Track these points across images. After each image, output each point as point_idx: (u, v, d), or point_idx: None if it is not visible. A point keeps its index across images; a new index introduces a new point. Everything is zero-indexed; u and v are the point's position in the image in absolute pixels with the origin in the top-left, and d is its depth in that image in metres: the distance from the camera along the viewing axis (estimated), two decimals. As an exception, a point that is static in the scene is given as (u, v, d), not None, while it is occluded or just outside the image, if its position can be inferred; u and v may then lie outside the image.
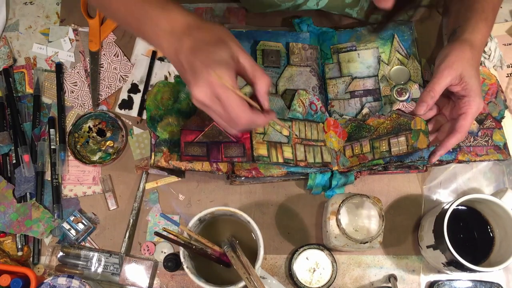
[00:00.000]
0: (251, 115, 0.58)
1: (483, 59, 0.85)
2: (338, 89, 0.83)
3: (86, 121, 0.84)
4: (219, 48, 0.57)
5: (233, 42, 0.59)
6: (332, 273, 0.75)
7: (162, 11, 0.60)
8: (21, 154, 0.82)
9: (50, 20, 0.91)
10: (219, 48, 0.57)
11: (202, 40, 0.58)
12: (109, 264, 0.78)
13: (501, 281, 0.77)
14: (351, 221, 0.73)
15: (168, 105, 0.76)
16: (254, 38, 0.83)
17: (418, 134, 0.73)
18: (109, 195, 0.81)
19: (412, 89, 0.81)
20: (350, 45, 0.84)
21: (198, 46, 0.57)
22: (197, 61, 0.56)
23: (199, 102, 0.58)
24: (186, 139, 0.74)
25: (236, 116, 0.57)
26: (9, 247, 0.79)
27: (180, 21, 0.59)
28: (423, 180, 0.82)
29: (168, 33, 0.59)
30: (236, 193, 0.81)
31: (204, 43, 0.57)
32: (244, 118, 0.57)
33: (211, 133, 0.74)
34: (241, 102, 0.57)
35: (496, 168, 0.83)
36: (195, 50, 0.57)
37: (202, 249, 0.68)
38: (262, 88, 0.60)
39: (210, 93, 0.56)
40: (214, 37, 0.58)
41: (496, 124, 0.79)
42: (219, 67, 0.55)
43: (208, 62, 0.56)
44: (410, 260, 0.79)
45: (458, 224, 0.74)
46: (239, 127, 0.59)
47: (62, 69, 0.88)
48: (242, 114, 0.57)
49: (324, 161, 0.76)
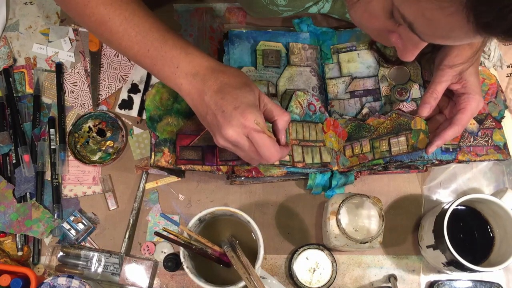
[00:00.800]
0: (281, 153, 0.63)
1: (483, 59, 0.85)
2: (338, 89, 0.83)
3: (86, 121, 0.85)
4: (247, 92, 0.61)
5: (255, 86, 0.64)
6: (332, 273, 0.75)
7: (184, 54, 0.63)
8: (21, 154, 0.82)
9: (50, 20, 0.91)
10: (246, 91, 0.61)
11: (229, 84, 0.61)
12: (109, 264, 0.78)
13: (501, 281, 0.77)
14: (351, 221, 0.73)
15: (167, 105, 0.77)
16: (254, 38, 0.83)
17: (418, 134, 0.73)
18: (109, 195, 0.81)
19: (412, 89, 0.81)
20: (350, 45, 0.84)
21: (225, 89, 0.61)
22: (225, 103, 0.60)
23: (230, 142, 0.61)
24: (182, 143, 0.74)
25: (269, 154, 0.62)
26: (9, 247, 0.79)
27: (204, 65, 0.63)
28: (423, 180, 0.82)
29: (191, 75, 0.63)
30: (236, 193, 0.81)
31: (231, 87, 0.61)
32: (276, 154, 0.62)
33: (206, 137, 0.74)
34: (272, 142, 0.62)
35: (496, 168, 0.83)
36: (223, 93, 0.61)
37: (202, 249, 0.68)
38: (282, 124, 0.65)
39: (242, 133, 0.60)
40: (239, 81, 0.62)
41: (496, 124, 0.79)
42: (251, 110, 0.60)
43: (238, 104, 0.60)
44: (410, 260, 0.79)
45: (458, 224, 0.74)
46: (269, 162, 0.64)
47: (62, 69, 0.88)
48: (275, 152, 0.62)
49: (323, 162, 0.76)
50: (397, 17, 0.48)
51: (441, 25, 0.44)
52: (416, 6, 0.44)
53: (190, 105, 0.65)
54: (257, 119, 0.60)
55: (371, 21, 0.53)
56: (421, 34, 0.48)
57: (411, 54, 0.55)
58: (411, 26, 0.47)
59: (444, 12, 0.42)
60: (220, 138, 0.62)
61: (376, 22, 0.52)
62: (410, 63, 0.82)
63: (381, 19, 0.50)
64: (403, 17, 0.47)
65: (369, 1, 0.50)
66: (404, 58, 0.56)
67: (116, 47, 0.67)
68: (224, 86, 0.61)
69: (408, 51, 0.54)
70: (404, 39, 0.53)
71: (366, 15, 0.52)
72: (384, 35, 0.55)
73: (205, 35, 0.89)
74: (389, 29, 0.52)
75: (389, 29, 0.52)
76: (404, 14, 0.46)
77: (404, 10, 0.46)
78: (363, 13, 0.53)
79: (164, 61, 0.64)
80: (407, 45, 0.54)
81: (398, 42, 0.54)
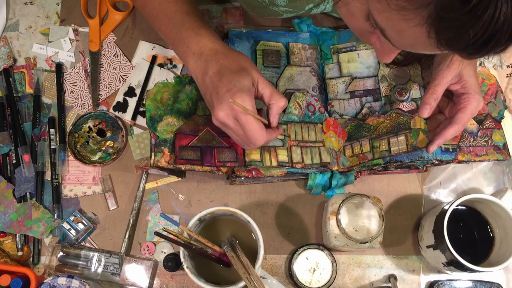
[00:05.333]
0: (267, 135, 0.66)
1: (483, 59, 0.85)
2: (338, 89, 0.83)
3: (86, 121, 0.85)
4: (242, 76, 0.64)
5: (255, 70, 0.67)
6: (332, 273, 0.75)
7: (194, 35, 0.69)
8: (21, 154, 0.82)
9: (50, 20, 0.91)
10: (242, 76, 0.64)
11: (227, 67, 0.65)
12: (109, 264, 0.78)
13: (501, 281, 0.77)
14: (351, 221, 0.73)
15: (167, 105, 0.77)
16: (254, 38, 0.83)
17: (417, 133, 0.73)
18: (109, 195, 0.81)
19: (412, 89, 0.81)
20: (350, 45, 0.84)
21: (223, 72, 0.65)
22: (221, 85, 0.64)
23: (220, 122, 0.65)
24: (181, 143, 0.74)
25: (254, 137, 0.65)
26: (9, 247, 0.79)
27: (209, 47, 0.68)
28: (423, 180, 0.82)
29: (197, 55, 0.68)
30: (236, 193, 0.81)
31: (229, 70, 0.65)
32: (261, 139, 0.65)
33: (205, 137, 0.74)
34: (258, 125, 0.64)
35: (496, 168, 0.83)
36: (220, 75, 0.65)
37: (202, 249, 0.68)
38: (276, 109, 0.68)
39: (231, 115, 0.64)
40: (238, 66, 0.66)
41: (496, 124, 0.79)
42: (240, 94, 0.62)
43: (231, 87, 0.63)
44: (410, 260, 0.79)
45: (458, 224, 0.74)
46: (255, 145, 0.66)
47: (62, 69, 0.88)
48: (260, 136, 0.65)
49: (322, 162, 0.76)
50: (371, 21, 0.49)
51: (406, 35, 0.46)
52: (386, 14, 0.45)
53: (196, 83, 0.69)
54: (243, 102, 0.62)
55: (353, 21, 0.54)
56: (392, 40, 0.49)
57: (387, 57, 0.56)
58: (383, 32, 0.48)
59: (408, 24, 0.43)
60: (214, 118, 0.65)
61: (357, 22, 0.53)
62: (410, 63, 0.83)
63: (360, 20, 0.51)
64: (375, 23, 0.48)
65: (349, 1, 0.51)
66: (382, 59, 0.58)
67: (154, 28, 0.75)
68: (223, 69, 0.65)
69: (385, 54, 0.56)
70: (382, 41, 0.54)
71: (348, 15, 0.54)
72: (366, 35, 0.56)
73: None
74: (369, 30, 0.53)
75: (369, 30, 0.53)
76: (376, 20, 0.48)
77: (376, 16, 0.47)
78: (345, 13, 0.54)
79: (180, 41, 0.70)
80: (385, 47, 0.55)
81: (377, 44, 0.56)
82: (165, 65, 0.87)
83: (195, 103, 0.78)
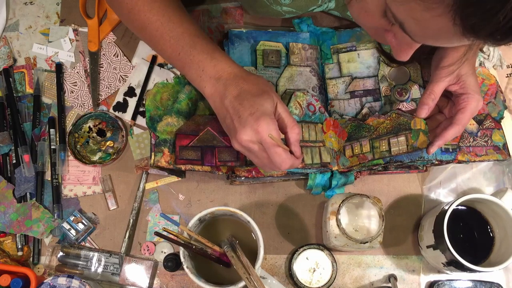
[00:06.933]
0: (293, 162, 0.64)
1: (483, 59, 0.85)
2: (338, 89, 0.83)
3: (86, 121, 0.84)
4: (264, 100, 0.64)
5: (274, 93, 0.66)
6: (332, 273, 0.75)
7: (210, 59, 0.68)
8: (21, 154, 0.82)
9: (50, 20, 0.91)
10: (264, 99, 0.64)
11: (248, 91, 0.64)
12: (109, 264, 0.78)
13: (501, 281, 0.77)
14: (351, 221, 0.73)
15: (167, 105, 0.77)
16: (254, 38, 0.83)
17: (418, 133, 0.73)
18: (109, 195, 0.81)
19: (412, 89, 0.81)
20: (350, 45, 0.84)
21: (244, 96, 0.64)
22: (242, 109, 0.63)
23: (243, 146, 0.64)
24: (181, 143, 0.74)
25: (280, 164, 0.63)
26: (9, 247, 0.79)
27: (228, 71, 0.67)
28: (423, 180, 0.82)
29: (214, 79, 0.67)
30: (236, 193, 0.81)
31: (250, 94, 0.64)
32: (288, 162, 0.64)
33: (205, 137, 0.74)
34: (285, 153, 0.63)
35: (496, 168, 0.83)
36: (241, 99, 0.64)
37: (202, 249, 0.68)
38: (294, 137, 0.66)
39: (255, 140, 0.62)
40: (259, 89, 0.65)
41: (496, 124, 0.79)
42: (264, 117, 0.62)
43: (254, 111, 0.62)
44: (410, 260, 0.79)
45: (458, 224, 0.74)
46: (280, 169, 0.65)
47: (62, 69, 0.88)
48: (287, 160, 0.63)
49: (322, 162, 0.76)
50: (389, 16, 0.48)
51: (429, 26, 0.44)
52: (406, 6, 0.44)
53: (212, 107, 0.68)
54: (271, 132, 0.61)
55: (367, 19, 0.53)
56: (412, 34, 0.48)
57: (405, 54, 0.55)
58: (402, 26, 0.47)
59: (431, 13, 0.42)
60: (235, 142, 0.64)
61: (372, 20, 0.52)
62: (410, 63, 0.83)
63: (376, 18, 0.50)
64: (394, 17, 0.47)
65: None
66: (398, 57, 0.56)
67: (154, 49, 0.73)
68: (243, 93, 0.64)
69: (403, 51, 0.55)
70: (399, 38, 0.53)
71: (362, 13, 0.53)
72: (381, 33, 0.55)
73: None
74: (384, 28, 0.53)
75: (385, 28, 0.53)
76: (395, 14, 0.47)
77: (395, 9, 0.46)
78: (359, 11, 0.53)
79: (191, 65, 0.68)
80: (402, 45, 0.54)
81: (393, 41, 0.55)
82: (165, 65, 0.87)
83: (194, 103, 0.78)
